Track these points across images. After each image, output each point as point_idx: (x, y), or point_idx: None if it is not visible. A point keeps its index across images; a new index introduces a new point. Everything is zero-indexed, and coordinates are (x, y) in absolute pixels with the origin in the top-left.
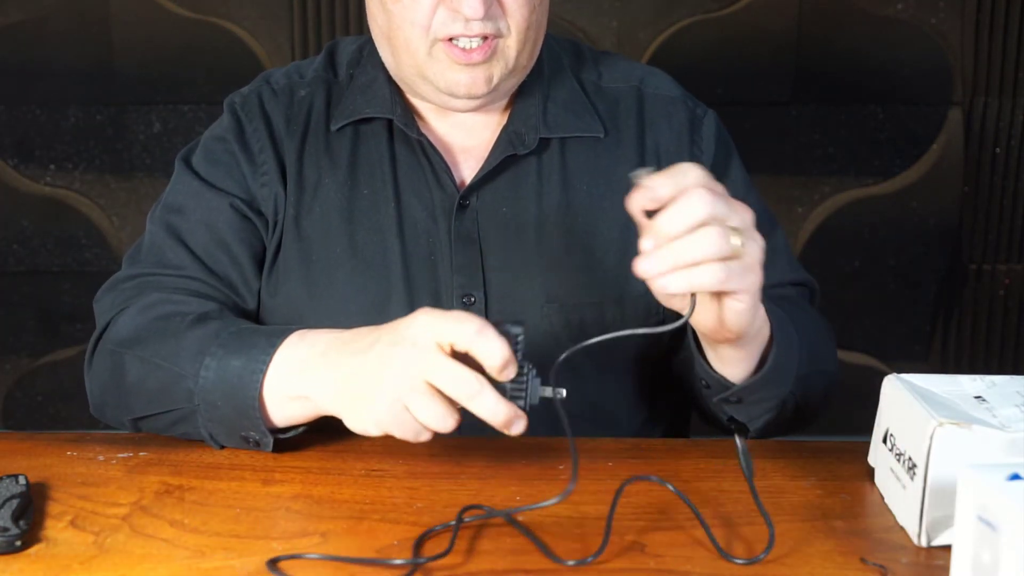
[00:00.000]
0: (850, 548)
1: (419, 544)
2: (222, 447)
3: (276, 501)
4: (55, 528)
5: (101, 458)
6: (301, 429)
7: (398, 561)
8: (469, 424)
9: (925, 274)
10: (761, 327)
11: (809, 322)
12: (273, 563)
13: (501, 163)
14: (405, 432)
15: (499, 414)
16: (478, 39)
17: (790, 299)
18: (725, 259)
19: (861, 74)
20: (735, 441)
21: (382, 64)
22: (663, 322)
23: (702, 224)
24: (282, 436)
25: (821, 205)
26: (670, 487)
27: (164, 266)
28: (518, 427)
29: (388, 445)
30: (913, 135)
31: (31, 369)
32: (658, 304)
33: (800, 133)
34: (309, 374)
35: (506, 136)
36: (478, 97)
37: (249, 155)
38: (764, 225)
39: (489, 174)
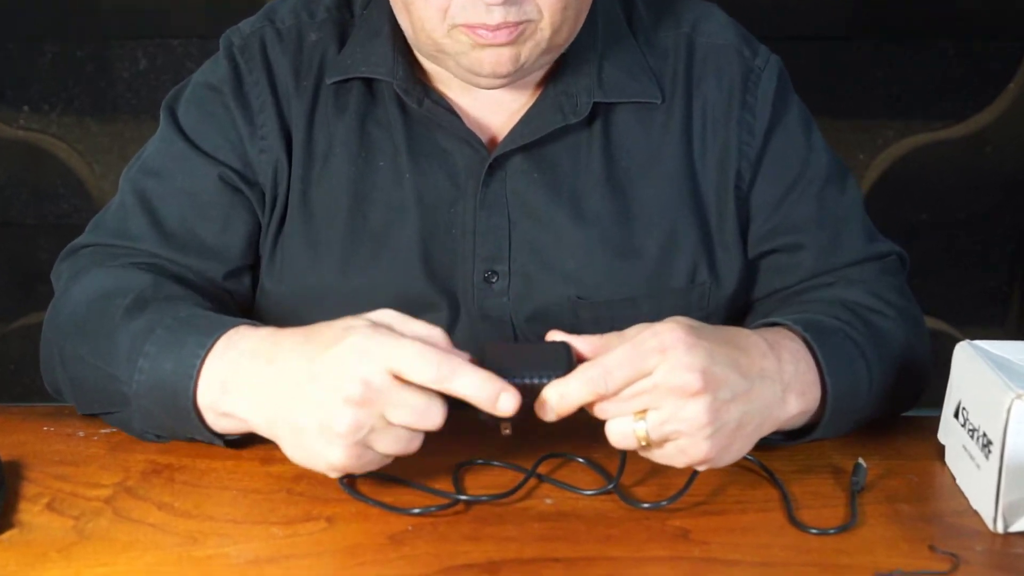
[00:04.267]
0: (918, 535)
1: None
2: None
3: (277, 482)
4: (30, 512)
5: (81, 434)
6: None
7: (463, 497)
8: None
9: (1001, 228)
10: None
11: (885, 335)
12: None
13: (537, 128)
14: (370, 467)
15: (481, 392)
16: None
17: (868, 307)
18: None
19: (929, 5)
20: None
21: (391, 14)
22: (705, 319)
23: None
24: (231, 439)
25: (884, 152)
26: (751, 459)
27: (122, 236)
28: (506, 403)
29: None
30: (987, 73)
31: (2, 334)
32: (700, 300)
33: (860, 71)
34: (231, 393)
35: (553, 97)
36: (503, 76)
37: (247, 113)
38: (832, 186)
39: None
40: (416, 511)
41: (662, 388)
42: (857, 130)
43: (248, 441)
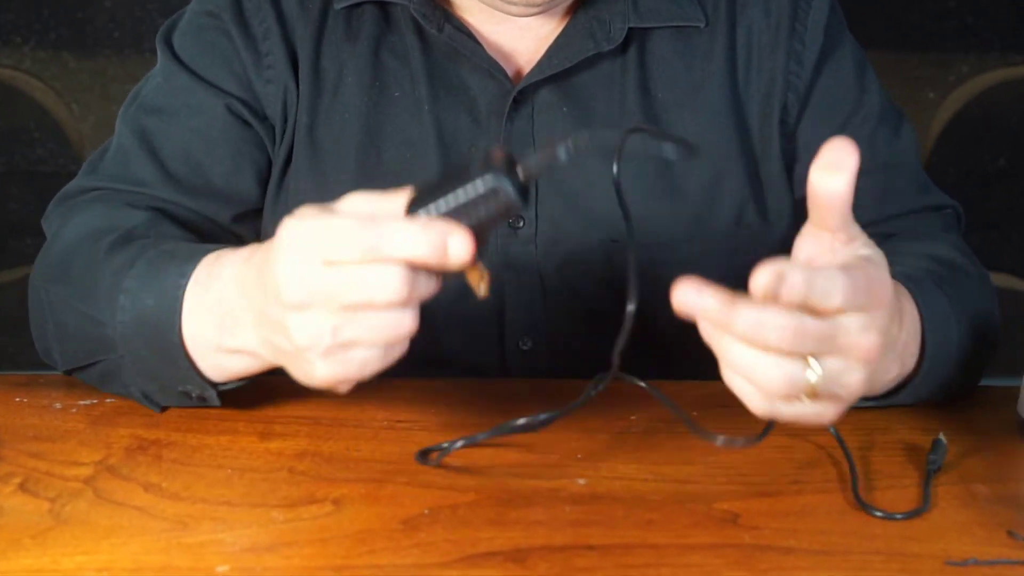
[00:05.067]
0: (995, 519)
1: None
2: (163, 409)
3: (277, 460)
4: (1, 494)
5: (58, 405)
6: (248, 380)
7: (519, 421)
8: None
9: None
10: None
11: (970, 295)
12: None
13: (567, 57)
14: (374, 366)
15: (422, 245)
16: None
17: (945, 261)
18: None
19: None
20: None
21: None
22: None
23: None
24: (224, 387)
25: (958, 89)
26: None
27: (124, 180)
28: (457, 247)
29: (417, 391)
30: None
31: None
32: (747, 244)
33: None
34: (231, 329)
35: (583, 23)
36: (539, 4)
37: (250, 40)
38: (885, 130)
39: (551, 68)
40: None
41: (851, 340)
42: (927, 65)
43: (244, 404)
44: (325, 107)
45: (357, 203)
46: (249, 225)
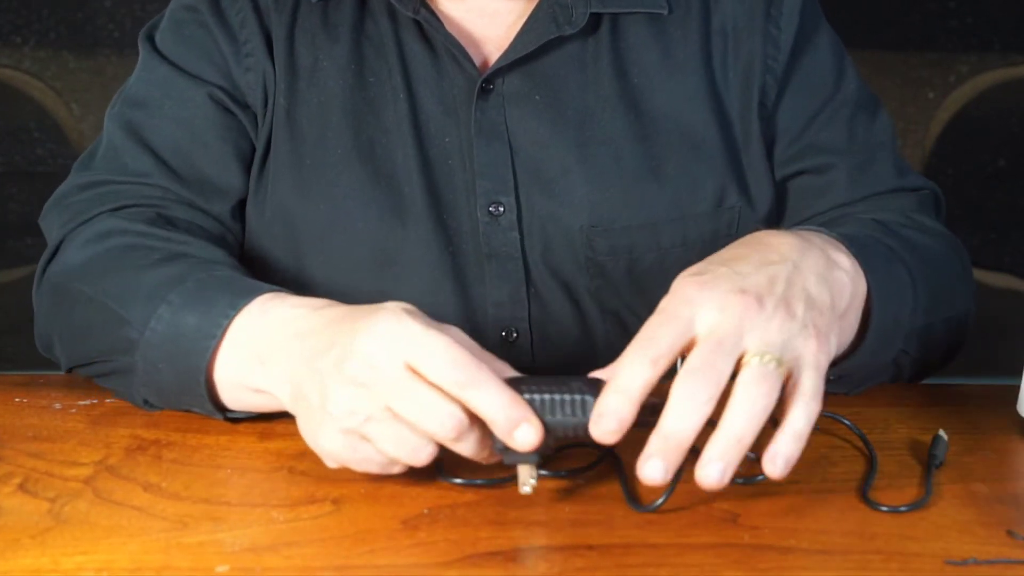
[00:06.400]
0: (994, 518)
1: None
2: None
3: (277, 460)
4: (1, 494)
5: (58, 406)
6: (255, 413)
7: (545, 472)
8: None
9: None
10: (855, 292)
11: (930, 253)
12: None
13: (530, 42)
14: (368, 466)
15: (501, 413)
16: None
17: (901, 223)
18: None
19: None
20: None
21: None
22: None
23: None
24: (231, 415)
25: (958, 89)
26: (846, 422)
27: (123, 173)
28: (525, 435)
29: None
30: None
31: None
32: (729, 225)
33: None
34: (267, 366)
35: (546, 9)
36: None
37: (228, 30)
38: (863, 114)
39: (522, 56)
40: (479, 481)
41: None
42: (926, 65)
43: (247, 417)
44: (302, 92)
45: (464, 342)
46: (242, 221)
